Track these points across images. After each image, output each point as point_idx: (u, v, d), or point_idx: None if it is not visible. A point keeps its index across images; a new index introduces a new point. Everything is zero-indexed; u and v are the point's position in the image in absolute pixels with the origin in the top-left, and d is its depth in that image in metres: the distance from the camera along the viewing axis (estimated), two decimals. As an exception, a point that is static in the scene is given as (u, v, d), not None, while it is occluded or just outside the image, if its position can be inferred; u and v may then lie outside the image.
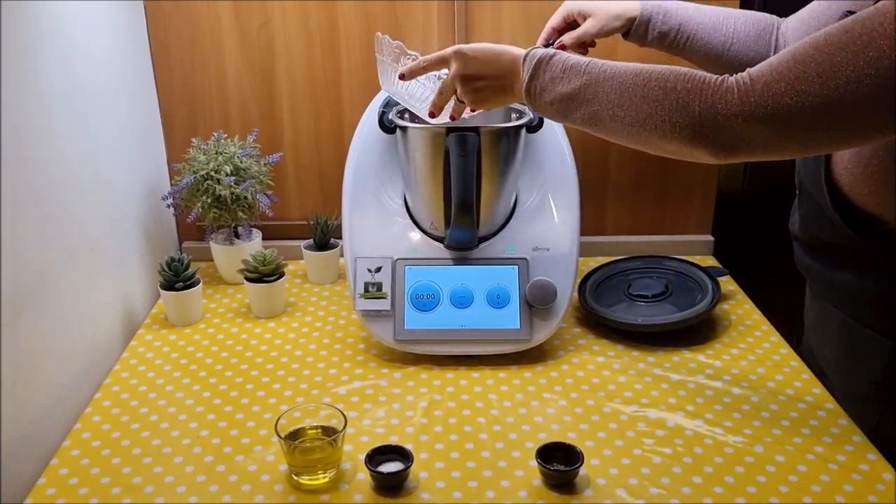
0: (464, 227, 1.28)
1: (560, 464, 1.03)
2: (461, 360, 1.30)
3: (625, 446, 1.10)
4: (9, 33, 1.03)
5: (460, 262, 1.33)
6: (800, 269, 1.21)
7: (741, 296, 1.52)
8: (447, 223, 1.31)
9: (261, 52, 1.56)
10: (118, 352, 1.35)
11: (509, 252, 1.33)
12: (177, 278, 1.40)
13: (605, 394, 1.22)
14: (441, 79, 1.10)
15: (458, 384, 1.25)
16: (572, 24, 1.26)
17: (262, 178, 1.51)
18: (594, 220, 1.69)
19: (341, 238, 1.38)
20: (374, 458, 1.04)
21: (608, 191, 1.68)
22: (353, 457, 1.08)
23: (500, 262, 1.32)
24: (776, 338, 1.38)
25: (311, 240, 1.58)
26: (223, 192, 1.45)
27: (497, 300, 1.30)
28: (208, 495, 1.02)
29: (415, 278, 1.31)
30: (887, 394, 1.09)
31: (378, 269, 1.31)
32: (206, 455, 1.09)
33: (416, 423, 1.16)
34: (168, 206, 1.52)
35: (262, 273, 1.43)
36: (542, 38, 1.28)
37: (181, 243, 1.70)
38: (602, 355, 1.33)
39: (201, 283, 1.44)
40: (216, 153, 1.48)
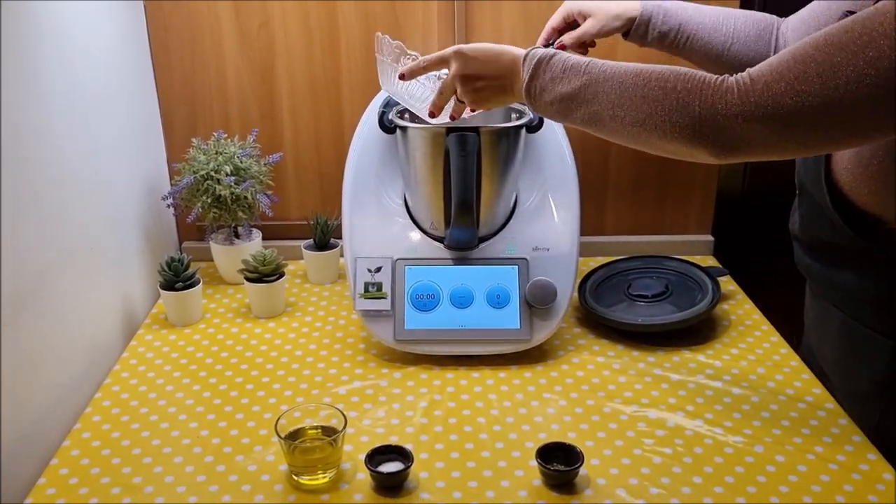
0: (464, 227, 1.28)
1: (560, 464, 1.03)
2: (461, 360, 1.30)
3: (625, 446, 1.10)
4: (9, 33, 1.03)
5: (460, 262, 1.33)
6: (800, 268, 1.21)
7: (741, 296, 1.52)
8: (447, 223, 1.31)
9: (261, 52, 1.56)
10: (118, 352, 1.35)
11: (509, 252, 1.33)
12: (177, 278, 1.40)
13: (605, 394, 1.22)
14: (441, 79, 1.10)
15: (458, 384, 1.25)
16: (572, 24, 1.26)
17: (262, 178, 1.51)
18: (594, 220, 1.69)
19: (341, 238, 1.38)
20: (374, 458, 1.04)
21: (608, 191, 1.67)
22: (353, 457, 1.08)
23: (500, 262, 1.32)
24: (776, 338, 1.38)
25: (311, 240, 1.58)
26: (223, 192, 1.45)
27: (497, 300, 1.30)
28: (208, 495, 1.02)
29: (415, 278, 1.31)
30: (887, 393, 1.09)
31: (378, 269, 1.31)
32: (206, 455, 1.09)
33: (416, 423, 1.16)
34: (168, 206, 1.52)
35: (262, 273, 1.43)
36: (542, 38, 1.28)
37: (181, 243, 1.70)
38: (602, 355, 1.33)
39: (201, 283, 1.44)
40: (216, 153, 1.48)
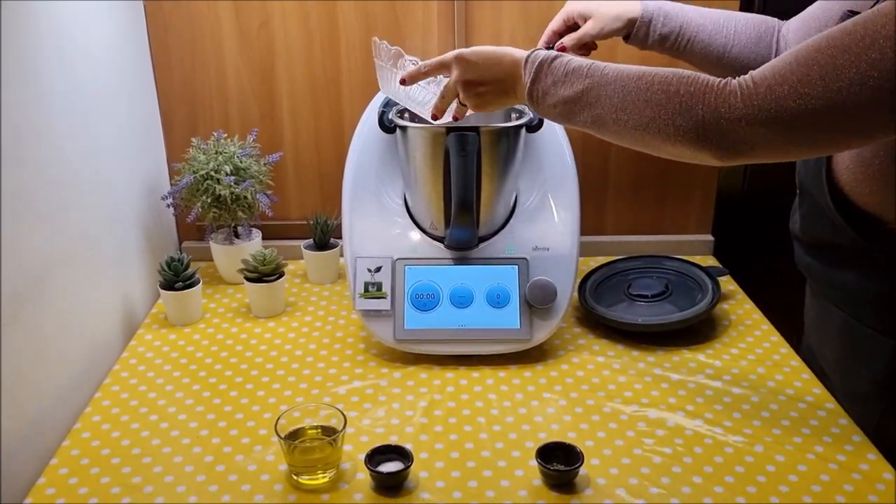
0: (464, 226, 1.28)
1: (560, 464, 1.03)
2: (461, 360, 1.30)
3: (625, 446, 1.10)
4: (9, 33, 1.03)
5: (460, 261, 1.33)
6: (800, 268, 1.21)
7: (741, 295, 1.52)
8: (447, 223, 1.31)
9: (261, 52, 1.56)
10: (118, 351, 1.35)
11: (509, 252, 1.33)
12: (176, 278, 1.40)
13: (605, 393, 1.22)
14: (441, 82, 1.10)
15: (458, 384, 1.25)
16: (573, 27, 1.26)
17: (261, 177, 1.51)
18: (594, 219, 1.68)
19: (341, 238, 1.38)
20: (374, 458, 1.04)
21: (608, 190, 1.67)
22: (353, 456, 1.08)
23: (500, 261, 1.32)
24: (776, 337, 1.38)
25: (311, 239, 1.58)
26: (223, 192, 1.45)
27: (497, 300, 1.30)
28: (208, 495, 1.02)
29: (415, 278, 1.31)
30: (888, 393, 1.09)
31: (378, 269, 1.31)
32: (205, 455, 1.09)
33: (415, 423, 1.16)
34: (168, 206, 1.52)
35: (262, 273, 1.43)
36: (542, 41, 1.27)
37: (181, 243, 1.70)
38: (602, 355, 1.33)
39: (201, 283, 1.44)
40: (216, 153, 1.48)
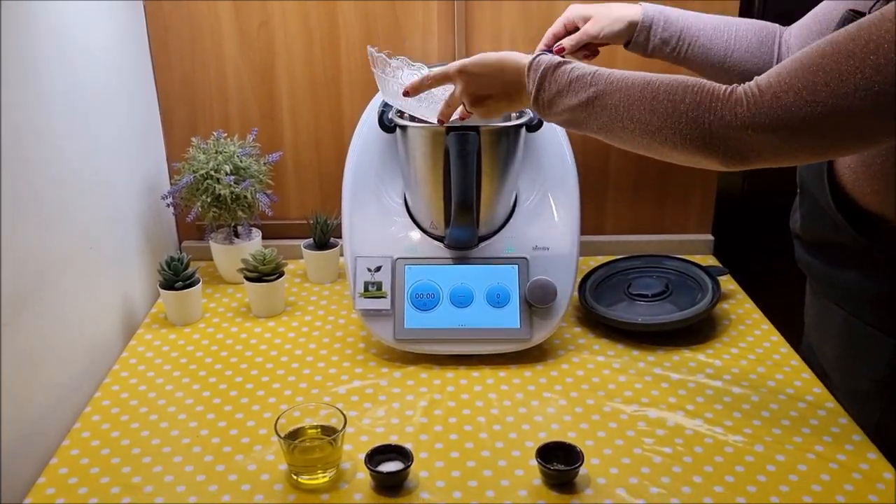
0: (464, 226, 1.28)
1: (560, 463, 1.03)
2: (461, 360, 1.30)
3: (625, 446, 1.10)
4: (9, 33, 1.03)
5: (460, 261, 1.33)
6: (800, 266, 1.21)
7: (741, 295, 1.52)
8: (447, 222, 1.31)
9: (260, 52, 1.56)
10: (118, 351, 1.35)
11: (509, 251, 1.33)
12: (176, 278, 1.40)
13: (605, 393, 1.22)
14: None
15: (458, 383, 1.25)
16: (573, 31, 1.25)
17: (261, 177, 1.51)
18: (594, 219, 1.68)
19: (341, 237, 1.38)
20: (374, 458, 1.04)
21: (608, 190, 1.67)
22: (353, 456, 1.08)
23: (500, 261, 1.32)
24: (776, 337, 1.38)
25: (311, 239, 1.58)
26: (223, 192, 1.45)
27: (497, 299, 1.30)
28: (208, 495, 1.02)
29: (415, 277, 1.31)
30: (888, 392, 1.09)
31: (378, 269, 1.31)
32: (205, 454, 1.09)
33: (415, 423, 1.16)
34: (168, 206, 1.52)
35: (262, 272, 1.43)
36: (541, 44, 1.26)
37: (181, 243, 1.70)
38: (602, 354, 1.33)
39: (201, 283, 1.44)
40: (216, 152, 1.48)
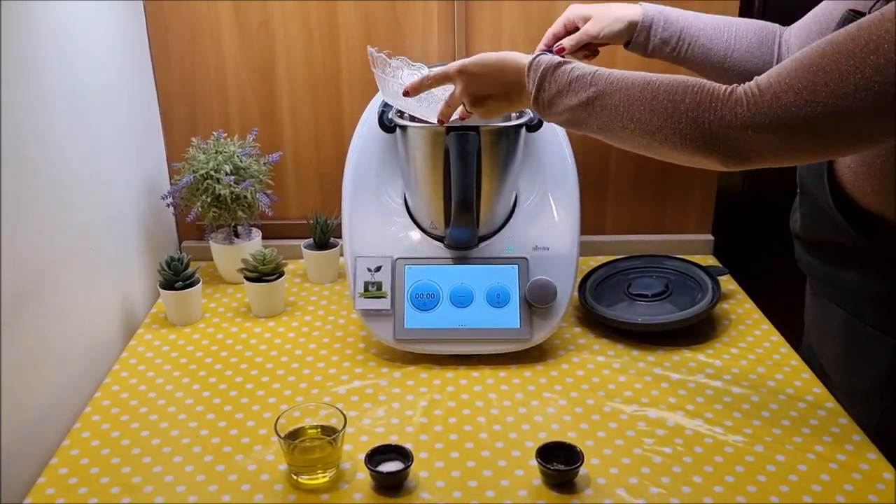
0: (464, 226, 1.28)
1: (560, 463, 1.03)
2: (461, 360, 1.30)
3: (625, 446, 1.10)
4: (9, 33, 1.03)
5: (460, 261, 1.33)
6: (800, 266, 1.21)
7: (741, 295, 1.52)
8: (447, 222, 1.30)
9: (260, 52, 1.56)
10: (118, 351, 1.35)
11: (509, 251, 1.33)
12: (176, 278, 1.40)
13: (605, 393, 1.22)
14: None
15: (458, 383, 1.25)
16: (573, 31, 1.25)
17: (261, 177, 1.51)
18: (594, 219, 1.68)
19: (341, 237, 1.38)
20: (374, 458, 1.04)
21: (608, 190, 1.67)
22: (353, 456, 1.08)
23: (500, 261, 1.32)
24: (776, 337, 1.38)
25: (311, 239, 1.58)
26: (223, 192, 1.45)
27: (497, 299, 1.30)
28: (208, 495, 1.02)
29: (415, 277, 1.31)
30: (888, 391, 1.09)
31: (378, 269, 1.31)
32: (205, 454, 1.09)
33: (415, 423, 1.16)
34: (168, 206, 1.52)
35: (262, 272, 1.43)
36: (541, 44, 1.26)
37: (181, 243, 1.70)
38: (602, 354, 1.33)
39: (201, 283, 1.44)
40: (216, 152, 1.48)
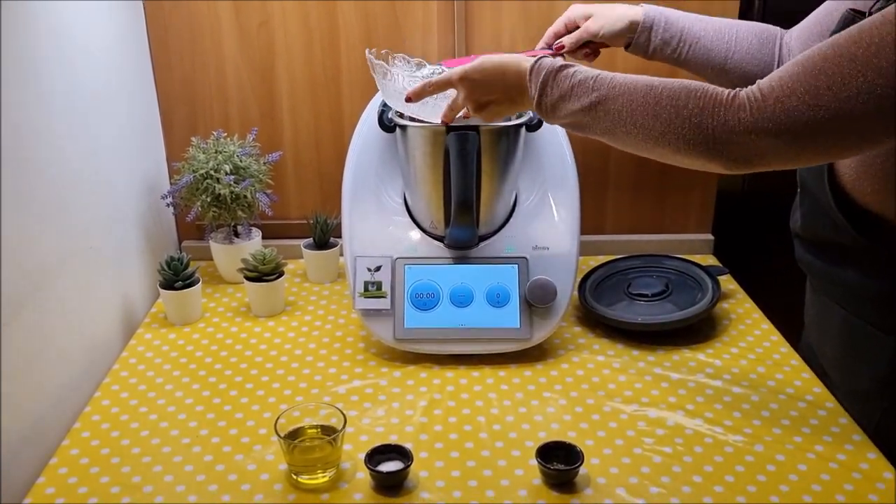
0: (464, 225, 1.28)
1: (560, 463, 1.03)
2: (461, 359, 1.30)
3: (625, 445, 1.10)
4: (9, 33, 1.03)
5: (460, 261, 1.33)
6: (801, 265, 1.21)
7: (741, 295, 1.52)
8: (447, 222, 1.30)
9: (260, 51, 1.56)
10: (118, 351, 1.35)
11: (509, 251, 1.33)
12: (176, 277, 1.40)
13: (605, 393, 1.22)
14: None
15: (458, 383, 1.25)
16: (574, 30, 1.25)
17: (261, 176, 1.51)
18: (594, 218, 1.68)
19: (341, 237, 1.38)
20: (374, 458, 1.04)
21: (608, 190, 1.67)
22: (353, 456, 1.08)
23: (499, 261, 1.32)
24: (776, 337, 1.38)
25: (311, 239, 1.58)
26: (223, 191, 1.45)
27: (497, 299, 1.30)
28: (207, 494, 1.02)
29: (414, 277, 1.31)
30: (889, 391, 1.09)
31: (378, 268, 1.31)
32: (205, 454, 1.09)
33: (415, 423, 1.16)
34: (167, 206, 1.52)
35: (262, 272, 1.43)
36: (542, 42, 1.27)
37: (181, 242, 1.70)
38: (602, 354, 1.33)
39: (201, 283, 1.44)
40: (216, 152, 1.48)
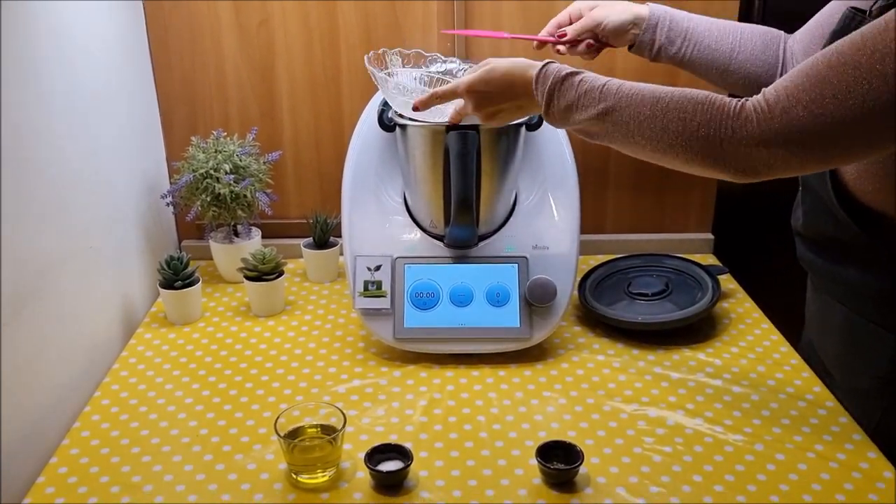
0: (463, 225, 1.28)
1: (560, 462, 1.03)
2: (461, 359, 1.30)
3: (625, 445, 1.10)
4: (9, 33, 1.03)
5: (460, 260, 1.33)
6: (802, 264, 1.21)
7: (741, 294, 1.52)
8: (447, 221, 1.30)
9: (260, 51, 1.56)
10: (117, 350, 1.35)
11: (509, 250, 1.33)
12: (176, 277, 1.40)
13: (605, 392, 1.22)
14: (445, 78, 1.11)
15: (458, 383, 1.25)
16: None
17: (261, 176, 1.51)
18: (594, 218, 1.68)
19: (341, 236, 1.38)
20: (374, 457, 1.04)
21: (608, 189, 1.67)
22: (353, 455, 1.08)
23: (499, 260, 1.32)
24: (776, 336, 1.38)
25: (311, 238, 1.58)
26: (222, 191, 1.45)
27: (497, 299, 1.30)
28: (207, 494, 1.02)
29: (414, 277, 1.31)
30: (889, 389, 1.09)
31: (377, 268, 1.31)
32: (205, 454, 1.09)
33: (415, 422, 1.16)
34: (167, 205, 1.52)
35: (262, 271, 1.43)
36: (544, 31, 1.26)
37: (180, 242, 1.70)
38: (602, 354, 1.33)
39: (201, 282, 1.44)
40: (215, 151, 1.48)
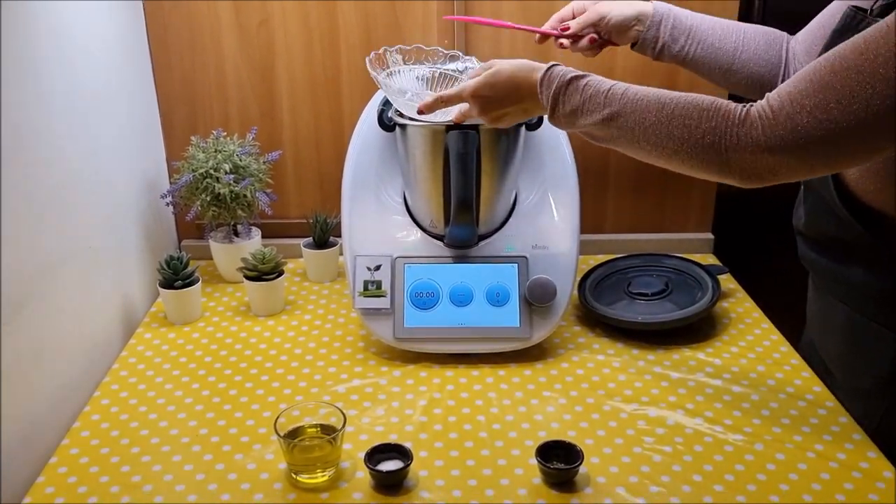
0: (463, 224, 1.28)
1: (560, 462, 1.03)
2: (461, 359, 1.30)
3: (625, 444, 1.10)
4: (9, 33, 1.03)
5: (460, 260, 1.33)
6: (804, 263, 1.21)
7: (741, 294, 1.52)
8: (447, 221, 1.30)
9: (260, 51, 1.56)
10: (117, 350, 1.35)
11: (509, 250, 1.33)
12: (176, 277, 1.40)
13: (605, 392, 1.22)
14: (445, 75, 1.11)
15: (458, 382, 1.25)
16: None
17: (261, 176, 1.51)
18: (594, 217, 1.68)
19: (340, 236, 1.38)
20: (374, 457, 1.04)
21: (608, 188, 1.67)
22: (353, 455, 1.08)
23: (499, 260, 1.32)
24: (776, 336, 1.38)
25: (311, 238, 1.58)
26: (222, 191, 1.45)
27: (497, 298, 1.30)
28: (207, 494, 1.02)
29: (414, 276, 1.31)
30: (891, 389, 1.09)
31: (377, 268, 1.31)
32: (205, 454, 1.09)
33: (415, 422, 1.16)
34: (167, 205, 1.52)
35: (262, 271, 1.43)
36: (546, 25, 1.26)
37: (180, 241, 1.70)
38: (602, 353, 1.33)
39: (200, 282, 1.44)
40: (215, 151, 1.48)
